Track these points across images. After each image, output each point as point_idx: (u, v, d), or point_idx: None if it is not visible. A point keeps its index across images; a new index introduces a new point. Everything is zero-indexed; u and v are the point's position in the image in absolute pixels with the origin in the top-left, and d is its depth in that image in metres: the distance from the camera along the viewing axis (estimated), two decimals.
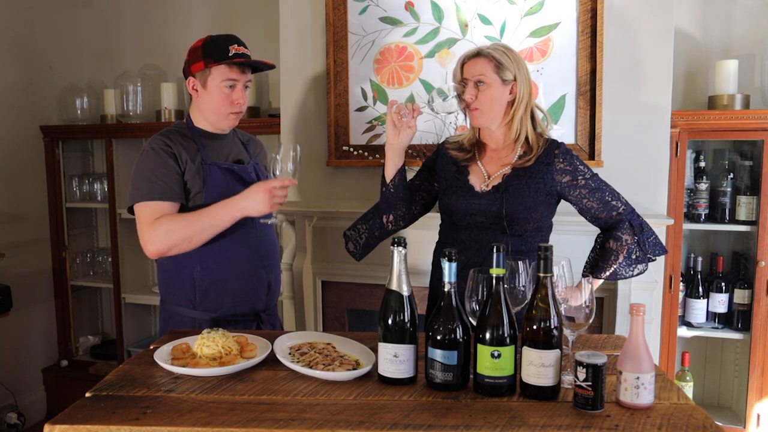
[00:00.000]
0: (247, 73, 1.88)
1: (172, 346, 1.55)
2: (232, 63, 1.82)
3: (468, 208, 1.78)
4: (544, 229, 1.82)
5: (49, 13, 3.44)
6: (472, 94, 1.75)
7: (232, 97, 1.86)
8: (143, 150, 1.84)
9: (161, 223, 1.76)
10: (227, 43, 1.84)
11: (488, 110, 1.76)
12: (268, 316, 2.00)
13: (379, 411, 1.23)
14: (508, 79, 1.75)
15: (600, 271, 1.78)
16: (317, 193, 2.77)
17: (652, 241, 1.79)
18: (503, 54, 1.75)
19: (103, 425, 1.18)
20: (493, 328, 1.28)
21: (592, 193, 1.77)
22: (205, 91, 1.86)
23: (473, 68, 1.75)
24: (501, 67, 1.73)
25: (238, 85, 1.86)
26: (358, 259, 1.98)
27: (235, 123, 1.93)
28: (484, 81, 1.73)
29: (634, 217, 1.78)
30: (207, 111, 1.89)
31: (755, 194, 2.49)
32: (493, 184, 1.78)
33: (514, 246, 1.74)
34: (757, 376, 2.50)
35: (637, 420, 1.19)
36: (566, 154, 1.78)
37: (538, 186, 1.76)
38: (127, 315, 3.39)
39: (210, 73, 1.84)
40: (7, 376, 3.25)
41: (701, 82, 2.68)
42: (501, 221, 1.74)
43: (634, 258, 1.78)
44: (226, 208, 1.77)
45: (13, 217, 3.29)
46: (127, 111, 3.29)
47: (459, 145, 1.88)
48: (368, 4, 2.61)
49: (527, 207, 1.74)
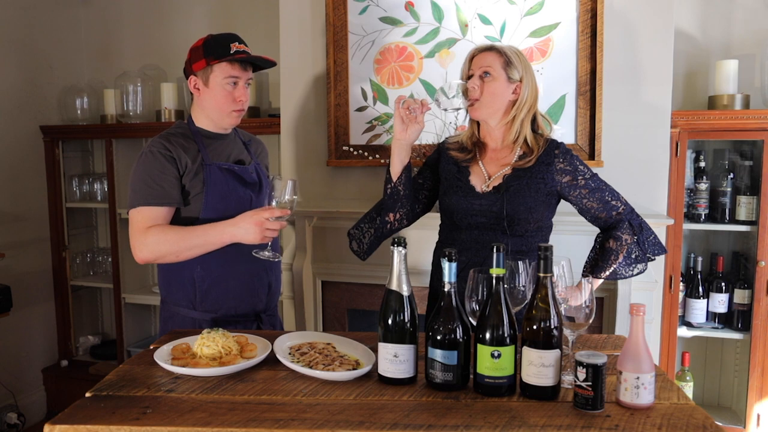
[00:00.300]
0: (248, 71, 1.88)
1: (172, 346, 1.55)
2: (234, 60, 1.82)
3: (469, 208, 1.78)
4: (544, 229, 1.83)
5: (49, 13, 3.44)
6: (476, 83, 1.76)
7: (235, 94, 1.86)
8: (142, 153, 1.84)
9: (152, 233, 1.76)
10: (228, 41, 1.84)
11: (489, 103, 1.76)
12: (268, 316, 2.00)
13: (379, 411, 1.23)
14: (515, 79, 1.76)
15: (600, 271, 1.78)
16: (317, 193, 2.77)
17: (651, 241, 1.79)
18: (515, 54, 1.77)
19: (103, 425, 1.18)
20: (493, 328, 1.28)
21: (592, 193, 1.77)
22: (207, 89, 1.86)
23: (482, 60, 1.77)
24: (510, 64, 1.75)
25: (240, 82, 1.86)
26: (363, 258, 1.97)
27: (237, 121, 1.93)
28: (490, 73, 1.75)
29: (633, 216, 1.78)
30: (209, 109, 1.89)
31: (755, 194, 2.49)
32: (493, 185, 1.79)
33: (514, 246, 1.75)
34: (757, 376, 2.50)
35: (637, 420, 1.19)
36: (566, 154, 1.79)
37: (539, 186, 1.76)
38: (127, 315, 3.39)
39: (212, 70, 1.84)
40: (7, 376, 3.24)
41: (701, 82, 2.68)
42: (502, 221, 1.75)
43: (634, 257, 1.78)
44: (216, 230, 1.76)
45: (13, 217, 3.29)
46: (127, 111, 3.29)
47: (459, 145, 1.88)
48: (368, 4, 2.61)
49: (528, 207, 1.75)
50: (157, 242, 1.76)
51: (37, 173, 3.41)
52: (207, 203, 1.83)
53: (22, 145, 3.33)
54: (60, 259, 3.44)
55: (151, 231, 1.76)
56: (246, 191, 1.91)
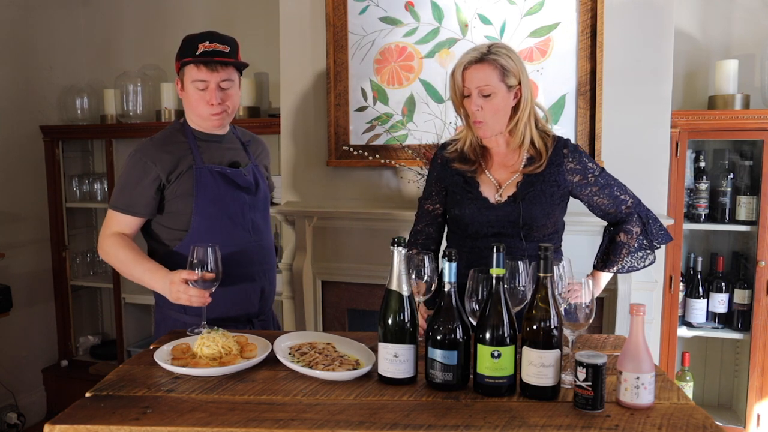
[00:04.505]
0: (219, 72, 1.78)
1: (172, 346, 1.55)
2: (198, 61, 1.76)
3: (484, 220, 1.73)
4: (559, 230, 1.81)
5: (49, 13, 3.43)
6: (479, 105, 1.67)
7: (206, 97, 1.79)
8: (131, 153, 1.85)
9: (110, 243, 1.81)
10: (198, 41, 1.77)
11: (494, 121, 1.70)
12: (260, 321, 1.98)
13: (379, 411, 1.23)
14: (513, 85, 1.68)
15: (612, 265, 1.76)
16: (317, 193, 2.77)
17: (657, 229, 1.77)
18: (507, 57, 1.67)
19: (103, 425, 1.18)
20: (493, 328, 1.28)
21: (602, 190, 1.75)
22: (183, 92, 1.84)
23: (476, 75, 1.66)
24: (506, 73, 1.66)
25: (210, 84, 1.78)
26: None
27: (218, 124, 1.86)
28: (490, 93, 1.66)
29: (641, 209, 1.78)
30: (188, 112, 1.88)
31: (755, 194, 2.49)
32: (507, 194, 1.74)
33: (531, 251, 1.66)
34: (757, 376, 2.50)
35: (637, 420, 1.19)
36: (575, 152, 1.75)
37: (553, 191, 1.73)
38: (127, 315, 3.39)
39: (184, 73, 1.81)
40: (7, 376, 3.24)
41: (701, 82, 2.68)
42: (518, 229, 1.71)
43: (641, 246, 1.76)
44: (151, 275, 1.76)
45: (13, 217, 3.29)
46: (127, 111, 3.29)
47: (460, 155, 1.80)
48: (368, 4, 2.61)
49: (545, 213, 1.72)
50: (108, 253, 1.82)
51: (37, 173, 3.41)
52: (197, 206, 1.82)
53: (22, 145, 3.33)
54: (60, 259, 3.44)
55: (111, 240, 1.81)
56: (239, 194, 1.88)
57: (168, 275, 1.71)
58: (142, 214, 1.83)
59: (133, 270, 1.79)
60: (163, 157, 1.81)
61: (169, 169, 1.81)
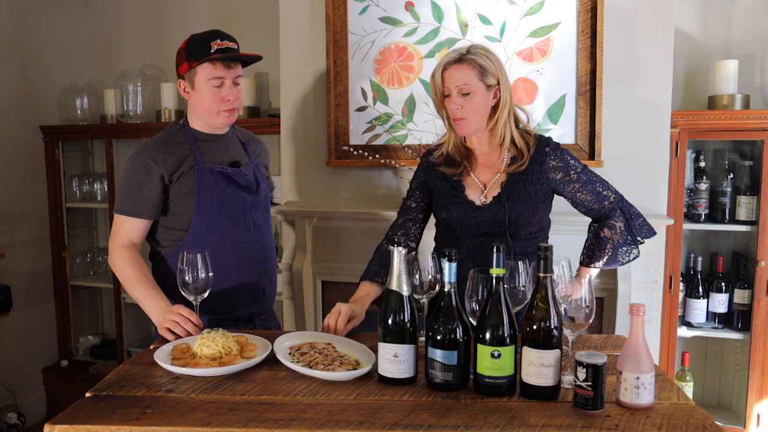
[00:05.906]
0: (234, 68, 1.82)
1: (172, 346, 1.55)
2: (214, 59, 1.78)
3: (471, 223, 1.77)
4: (545, 228, 1.84)
5: (49, 12, 3.43)
6: (458, 104, 1.72)
7: (222, 94, 1.81)
8: (132, 155, 1.85)
9: (120, 257, 1.81)
10: (209, 39, 1.78)
11: (475, 119, 1.74)
12: (262, 320, 1.98)
13: (379, 411, 1.23)
14: (492, 84, 1.73)
15: (597, 260, 1.79)
16: (317, 193, 2.77)
17: (641, 224, 1.80)
18: (485, 58, 1.72)
19: (103, 425, 1.18)
20: (493, 328, 1.28)
21: (584, 186, 1.78)
22: (194, 92, 1.84)
23: (456, 75, 1.71)
24: (485, 72, 1.71)
25: (226, 81, 1.81)
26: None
27: (231, 120, 1.88)
28: (469, 91, 1.71)
29: (624, 204, 1.80)
30: (199, 112, 1.87)
31: (755, 194, 2.49)
32: (492, 195, 1.77)
33: (518, 249, 1.74)
34: (757, 376, 2.50)
35: (637, 420, 1.19)
36: (556, 150, 1.79)
37: (536, 189, 1.76)
38: (127, 315, 3.39)
39: (196, 72, 1.81)
40: (7, 376, 3.24)
41: (701, 82, 2.68)
42: (505, 228, 1.74)
43: (626, 242, 1.78)
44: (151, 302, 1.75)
45: (13, 217, 3.29)
46: (127, 111, 3.29)
47: (446, 158, 1.84)
48: (368, 4, 2.61)
49: (530, 211, 1.75)
50: (116, 266, 1.83)
51: (37, 173, 3.41)
52: (199, 206, 1.82)
53: (22, 145, 3.33)
54: (60, 259, 3.44)
55: (121, 253, 1.81)
56: (240, 194, 1.89)
57: (167, 307, 1.70)
58: (149, 216, 1.83)
59: (135, 290, 1.79)
60: (165, 158, 1.82)
61: (171, 170, 1.82)
